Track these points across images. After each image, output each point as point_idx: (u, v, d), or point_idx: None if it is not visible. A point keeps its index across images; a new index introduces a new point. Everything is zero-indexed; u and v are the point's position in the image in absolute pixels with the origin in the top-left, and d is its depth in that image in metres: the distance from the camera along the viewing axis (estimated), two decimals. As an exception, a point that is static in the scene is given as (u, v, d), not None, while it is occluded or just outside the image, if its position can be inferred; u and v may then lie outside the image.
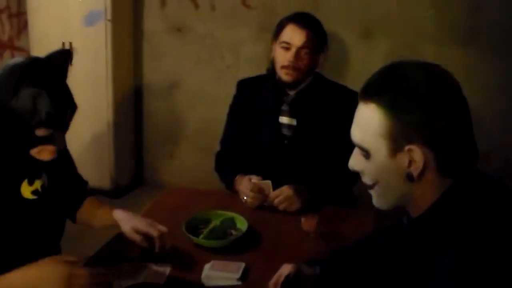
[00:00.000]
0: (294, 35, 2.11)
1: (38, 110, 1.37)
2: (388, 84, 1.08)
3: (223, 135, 2.42)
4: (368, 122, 1.10)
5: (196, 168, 3.91)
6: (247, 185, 2.03)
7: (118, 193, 4.03)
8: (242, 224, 1.83)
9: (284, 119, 2.25)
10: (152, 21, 3.86)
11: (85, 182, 1.96)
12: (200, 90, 3.86)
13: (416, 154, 1.05)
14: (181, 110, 4.01)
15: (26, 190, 1.61)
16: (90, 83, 3.76)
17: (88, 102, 3.81)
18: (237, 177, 2.13)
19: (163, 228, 1.64)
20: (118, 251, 1.69)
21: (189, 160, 4.04)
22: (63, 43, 3.68)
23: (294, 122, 2.24)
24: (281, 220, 1.94)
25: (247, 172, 2.15)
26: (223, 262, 1.62)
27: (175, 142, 4.13)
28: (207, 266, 1.60)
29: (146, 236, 1.63)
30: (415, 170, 1.07)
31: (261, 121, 2.27)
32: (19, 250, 1.61)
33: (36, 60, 1.45)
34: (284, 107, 2.25)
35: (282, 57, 2.14)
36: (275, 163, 2.25)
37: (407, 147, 1.06)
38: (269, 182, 2.03)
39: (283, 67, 2.15)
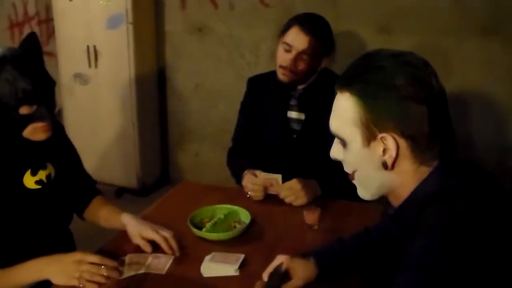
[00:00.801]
0: (297, 39, 2.11)
1: (16, 90, 1.48)
2: (362, 73, 1.10)
3: (234, 132, 2.46)
4: (343, 111, 1.13)
5: (220, 166, 3.93)
6: (250, 180, 2.06)
7: (145, 192, 4.12)
8: (246, 217, 1.85)
9: (292, 114, 2.27)
10: (173, 22, 3.93)
11: (93, 182, 2.03)
12: (221, 89, 3.90)
13: (389, 142, 1.06)
14: (204, 109, 4.06)
15: (29, 180, 1.69)
16: (114, 84, 3.86)
17: (113, 103, 3.93)
18: (244, 172, 2.15)
19: (167, 234, 1.70)
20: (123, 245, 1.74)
21: (213, 158, 4.08)
22: (88, 46, 3.81)
23: (302, 116, 2.26)
24: (285, 213, 1.95)
25: (257, 166, 2.17)
26: (223, 254, 1.65)
27: (199, 141, 4.18)
28: (207, 258, 1.63)
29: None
30: (388, 159, 1.08)
31: (270, 116, 2.30)
32: (23, 238, 1.69)
33: (6, 49, 1.55)
34: (293, 102, 2.27)
35: (282, 57, 2.16)
36: (284, 157, 2.28)
37: (380, 136, 1.07)
38: (278, 176, 2.05)
39: (281, 66, 2.17)
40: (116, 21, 3.68)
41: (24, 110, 1.52)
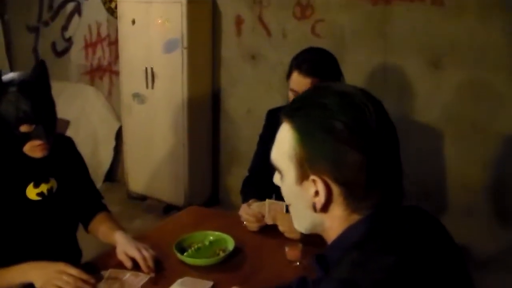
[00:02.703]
0: (299, 84, 2.08)
1: (17, 110, 1.66)
2: (305, 107, 1.02)
3: (251, 162, 2.47)
4: (282, 143, 1.06)
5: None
6: (245, 210, 2.05)
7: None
8: (231, 245, 1.85)
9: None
10: (229, 48, 4.03)
11: (99, 197, 2.12)
12: (271, 116, 3.92)
13: (319, 186, 0.99)
14: (254, 134, 4.09)
15: (31, 192, 1.84)
16: (168, 105, 4.02)
17: (166, 123, 4.08)
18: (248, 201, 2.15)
19: (147, 254, 1.76)
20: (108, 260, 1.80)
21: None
22: (146, 68, 4.00)
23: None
24: (273, 246, 1.92)
25: (269, 197, 2.16)
26: (193, 280, 1.66)
27: (248, 165, 4.21)
28: (178, 281, 1.65)
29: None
30: (318, 202, 1.01)
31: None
32: (26, 245, 1.81)
33: (17, 74, 1.75)
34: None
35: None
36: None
37: (311, 177, 1.00)
38: (283, 203, 2.03)
39: None
40: (172, 46, 3.84)
41: (24, 128, 1.70)
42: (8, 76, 1.74)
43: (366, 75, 3.45)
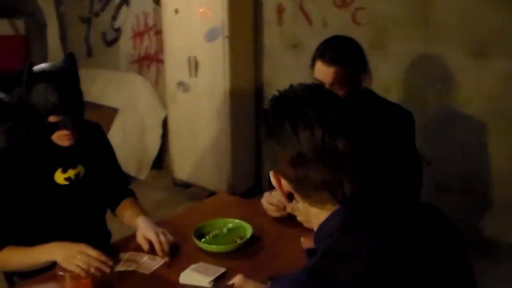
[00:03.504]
0: (322, 73, 2.03)
1: (45, 101, 1.74)
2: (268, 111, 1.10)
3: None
4: None
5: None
6: (267, 199, 2.05)
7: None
8: (249, 233, 1.86)
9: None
10: (271, 37, 4.02)
11: (127, 183, 2.19)
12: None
13: (274, 179, 1.09)
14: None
15: (59, 177, 1.92)
16: (211, 94, 4.06)
17: (210, 111, 4.13)
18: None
19: (163, 239, 1.81)
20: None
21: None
22: (189, 57, 4.06)
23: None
24: (292, 236, 1.91)
25: None
26: (207, 265, 1.68)
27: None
28: (192, 266, 1.68)
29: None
30: (282, 194, 1.10)
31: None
32: (55, 227, 1.90)
33: (48, 65, 1.83)
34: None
35: None
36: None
37: (272, 171, 1.10)
38: None
39: None
40: (214, 34, 3.87)
41: (52, 118, 1.79)
42: (39, 67, 1.81)
43: (407, 64, 3.37)
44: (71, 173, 1.93)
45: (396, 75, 3.45)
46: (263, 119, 1.08)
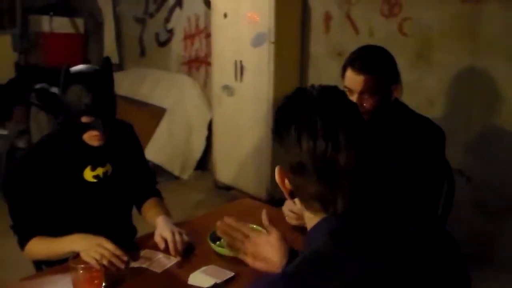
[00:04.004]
0: (352, 81, 2.00)
1: (79, 102, 1.81)
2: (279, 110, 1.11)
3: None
4: None
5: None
6: (288, 206, 2.05)
7: (273, 204, 4.24)
8: (264, 239, 1.86)
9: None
10: (317, 44, 4.01)
11: (154, 182, 2.24)
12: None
13: (277, 175, 1.10)
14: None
15: (88, 174, 1.99)
16: (255, 99, 4.08)
17: (252, 116, 4.15)
18: None
19: (178, 238, 1.84)
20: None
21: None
22: (236, 62, 4.10)
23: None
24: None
25: None
26: (217, 268, 1.70)
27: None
28: (202, 268, 1.70)
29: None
30: (284, 191, 1.11)
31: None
32: (81, 221, 1.97)
33: (85, 67, 1.90)
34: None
35: None
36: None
37: (278, 167, 1.11)
38: None
39: None
40: (260, 40, 3.90)
41: (84, 119, 1.85)
42: (76, 68, 1.88)
43: (453, 77, 3.28)
44: (99, 171, 2.00)
45: (441, 88, 3.36)
46: (274, 117, 1.09)
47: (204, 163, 5.06)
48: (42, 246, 1.89)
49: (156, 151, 4.79)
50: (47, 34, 5.54)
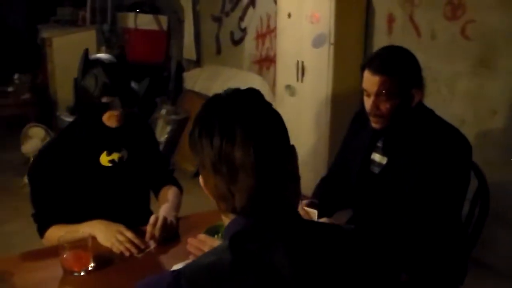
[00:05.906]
0: (367, 82, 1.93)
1: (99, 82, 1.94)
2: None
3: (333, 162, 2.41)
4: None
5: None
6: (302, 205, 2.03)
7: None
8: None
9: (376, 156, 2.09)
10: (380, 47, 3.87)
11: (170, 170, 2.31)
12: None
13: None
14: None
15: (104, 159, 2.11)
16: (315, 101, 4.05)
17: (311, 117, 4.12)
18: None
19: (159, 224, 1.91)
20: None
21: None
22: (297, 62, 4.09)
23: (384, 161, 2.06)
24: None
25: (339, 199, 2.14)
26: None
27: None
28: (187, 261, 1.74)
29: (165, 225, 1.94)
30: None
31: (356, 155, 2.17)
32: (98, 205, 2.09)
33: (104, 54, 2.08)
34: (379, 143, 2.09)
35: (366, 104, 1.98)
36: (361, 198, 2.15)
37: None
38: (314, 212, 2.00)
39: (369, 114, 1.99)
40: (320, 41, 3.85)
41: (105, 99, 1.97)
42: (95, 55, 2.03)
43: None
44: (115, 156, 2.11)
45: (505, 97, 3.14)
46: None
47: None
48: (60, 233, 1.95)
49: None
50: (132, 30, 5.85)
